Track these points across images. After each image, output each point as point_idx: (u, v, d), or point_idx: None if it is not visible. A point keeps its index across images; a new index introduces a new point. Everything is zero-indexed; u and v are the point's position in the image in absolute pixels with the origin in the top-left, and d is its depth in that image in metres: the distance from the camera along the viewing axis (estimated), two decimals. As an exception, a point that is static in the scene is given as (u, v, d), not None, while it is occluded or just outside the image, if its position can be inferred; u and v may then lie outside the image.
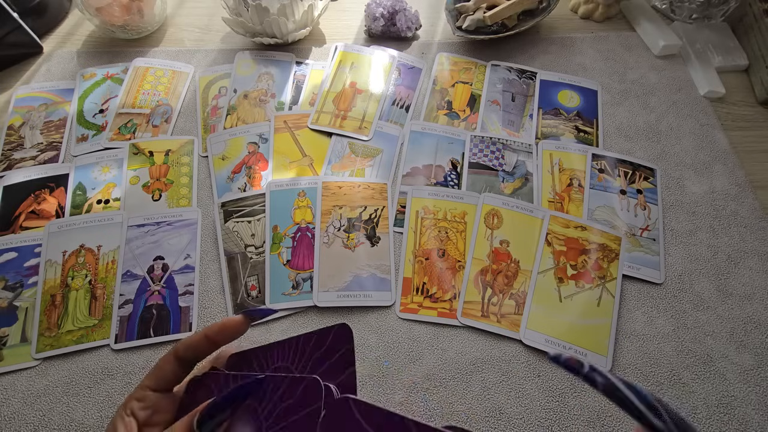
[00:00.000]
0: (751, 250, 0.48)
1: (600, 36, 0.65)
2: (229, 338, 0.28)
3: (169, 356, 0.28)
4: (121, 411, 0.27)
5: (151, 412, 0.27)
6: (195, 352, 0.28)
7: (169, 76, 0.61)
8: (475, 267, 0.47)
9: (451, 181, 0.52)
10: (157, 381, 0.28)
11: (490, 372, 0.42)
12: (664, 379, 0.42)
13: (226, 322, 0.28)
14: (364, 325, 0.45)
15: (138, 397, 0.27)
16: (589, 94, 0.59)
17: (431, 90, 0.59)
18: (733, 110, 0.58)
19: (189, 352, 0.28)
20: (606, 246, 0.47)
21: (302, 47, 0.64)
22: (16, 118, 0.57)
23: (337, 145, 0.55)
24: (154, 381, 0.28)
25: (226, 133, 0.56)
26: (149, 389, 0.28)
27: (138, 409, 0.27)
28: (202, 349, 0.28)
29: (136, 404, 0.27)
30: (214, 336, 0.28)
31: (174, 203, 0.51)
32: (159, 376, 0.28)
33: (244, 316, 0.28)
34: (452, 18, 0.62)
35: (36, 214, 0.50)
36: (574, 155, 0.54)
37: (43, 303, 0.45)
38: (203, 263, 0.48)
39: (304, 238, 0.48)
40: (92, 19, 0.60)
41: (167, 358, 0.28)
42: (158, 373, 0.28)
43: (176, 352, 0.28)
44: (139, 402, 0.27)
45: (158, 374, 0.28)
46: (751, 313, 0.45)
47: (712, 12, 0.61)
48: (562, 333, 0.43)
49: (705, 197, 0.51)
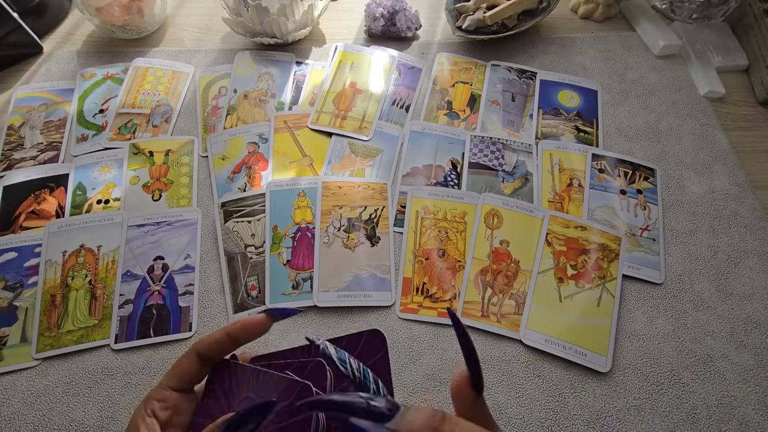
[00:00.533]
0: (751, 250, 0.48)
1: (600, 36, 0.65)
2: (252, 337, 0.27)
3: (190, 354, 0.27)
4: (141, 411, 0.26)
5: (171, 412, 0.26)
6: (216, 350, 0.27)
7: (169, 76, 0.61)
8: (475, 267, 0.47)
9: (451, 181, 0.52)
10: (178, 380, 0.27)
11: (490, 372, 0.42)
12: (664, 379, 0.42)
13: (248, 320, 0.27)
14: (364, 325, 0.45)
15: (159, 397, 0.27)
16: (589, 94, 0.59)
17: (431, 90, 0.59)
18: (733, 110, 0.58)
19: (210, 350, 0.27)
20: (606, 246, 0.47)
21: (302, 47, 0.64)
22: (16, 118, 0.57)
23: (337, 145, 0.55)
24: (175, 380, 0.27)
25: (226, 133, 0.56)
26: (170, 389, 0.27)
27: (159, 410, 0.26)
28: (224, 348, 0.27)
29: (157, 404, 0.26)
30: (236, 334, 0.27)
31: (174, 203, 0.51)
32: (180, 375, 0.27)
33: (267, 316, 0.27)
34: (452, 18, 0.62)
35: (36, 214, 0.50)
36: (574, 155, 0.54)
37: (43, 303, 0.45)
38: (203, 263, 0.48)
39: (304, 238, 0.48)
40: (92, 19, 0.60)
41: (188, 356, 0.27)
42: (179, 372, 0.27)
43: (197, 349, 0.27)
44: (160, 402, 0.26)
45: (179, 373, 0.27)
46: (751, 313, 0.45)
47: (712, 12, 0.61)
48: (562, 333, 0.43)
49: (705, 197, 0.51)
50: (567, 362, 0.42)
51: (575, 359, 0.42)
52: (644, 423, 0.40)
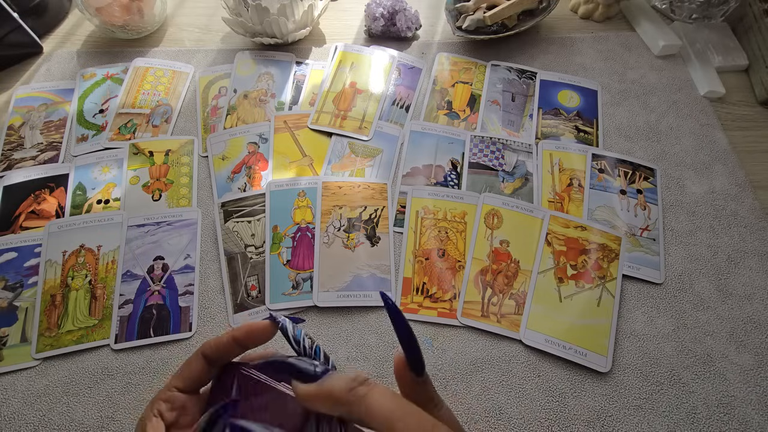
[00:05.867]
0: (751, 250, 0.48)
1: (600, 36, 0.65)
2: (258, 343, 0.27)
3: (196, 356, 0.27)
4: (148, 412, 0.26)
5: (178, 414, 0.27)
6: (222, 354, 0.27)
7: (169, 76, 0.61)
8: (475, 267, 0.47)
9: (451, 181, 0.52)
10: (185, 381, 0.27)
11: (490, 372, 0.42)
12: (664, 379, 0.42)
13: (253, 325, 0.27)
14: (364, 325, 0.45)
15: (165, 398, 0.27)
16: (589, 94, 0.59)
17: (431, 90, 0.59)
18: (733, 110, 0.58)
19: (216, 353, 0.27)
20: (606, 246, 0.47)
21: (302, 47, 0.64)
22: (16, 118, 0.57)
23: (337, 145, 0.55)
24: (182, 381, 0.27)
25: (226, 133, 0.56)
26: (177, 390, 0.27)
27: (165, 410, 0.26)
28: (230, 351, 0.27)
29: (164, 405, 0.26)
30: (242, 338, 0.27)
31: (174, 203, 0.51)
32: (187, 377, 0.27)
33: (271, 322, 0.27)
34: (452, 18, 0.62)
35: (36, 214, 0.50)
36: (574, 155, 0.54)
37: (43, 303, 0.45)
38: (203, 263, 0.48)
39: (304, 238, 0.48)
40: (92, 19, 0.60)
41: (195, 357, 0.27)
42: (186, 374, 0.27)
43: (203, 351, 0.27)
44: (166, 403, 0.27)
45: (186, 374, 0.27)
46: (751, 313, 0.45)
47: (712, 12, 0.61)
48: (562, 333, 0.43)
49: (705, 197, 0.51)
50: (567, 362, 0.42)
51: (575, 359, 0.42)
52: (644, 423, 0.40)
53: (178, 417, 0.27)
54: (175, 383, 0.27)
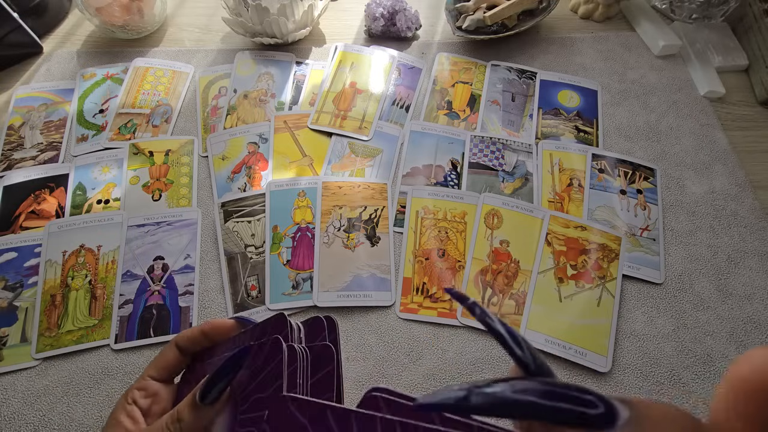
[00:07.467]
0: (751, 250, 0.48)
1: (600, 36, 0.65)
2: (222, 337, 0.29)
3: (170, 346, 0.29)
4: (122, 400, 0.28)
5: (152, 401, 0.28)
6: (193, 345, 0.29)
7: (169, 76, 0.61)
8: (475, 267, 0.47)
9: (451, 181, 0.52)
10: (158, 370, 0.29)
11: (490, 372, 0.42)
12: (664, 379, 0.42)
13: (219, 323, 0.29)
14: (364, 325, 0.45)
15: (140, 386, 0.28)
16: (589, 94, 0.59)
17: (431, 90, 0.59)
18: (733, 110, 0.58)
19: (188, 343, 0.29)
20: (606, 246, 0.47)
21: (302, 47, 0.64)
22: (16, 118, 0.57)
23: (337, 145, 0.55)
24: (155, 370, 0.29)
25: (226, 133, 0.56)
26: (151, 378, 0.29)
27: (140, 398, 0.28)
28: (200, 342, 0.29)
29: (137, 393, 0.28)
30: (209, 332, 0.29)
31: (174, 203, 0.51)
32: (161, 366, 0.29)
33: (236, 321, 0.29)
34: (452, 18, 0.62)
35: (36, 214, 0.50)
36: (574, 155, 0.54)
37: (43, 303, 0.45)
38: (203, 263, 0.48)
39: (304, 238, 0.48)
40: (92, 19, 0.60)
41: (169, 348, 0.29)
42: (161, 363, 0.29)
43: (177, 342, 0.29)
44: (140, 391, 0.28)
45: (161, 364, 0.29)
46: (751, 313, 0.45)
47: (712, 12, 0.61)
48: (562, 333, 0.43)
49: (705, 197, 0.51)
50: (567, 362, 0.42)
51: (575, 359, 0.42)
52: (644, 423, 0.40)
53: (152, 404, 0.28)
54: (149, 372, 0.29)
